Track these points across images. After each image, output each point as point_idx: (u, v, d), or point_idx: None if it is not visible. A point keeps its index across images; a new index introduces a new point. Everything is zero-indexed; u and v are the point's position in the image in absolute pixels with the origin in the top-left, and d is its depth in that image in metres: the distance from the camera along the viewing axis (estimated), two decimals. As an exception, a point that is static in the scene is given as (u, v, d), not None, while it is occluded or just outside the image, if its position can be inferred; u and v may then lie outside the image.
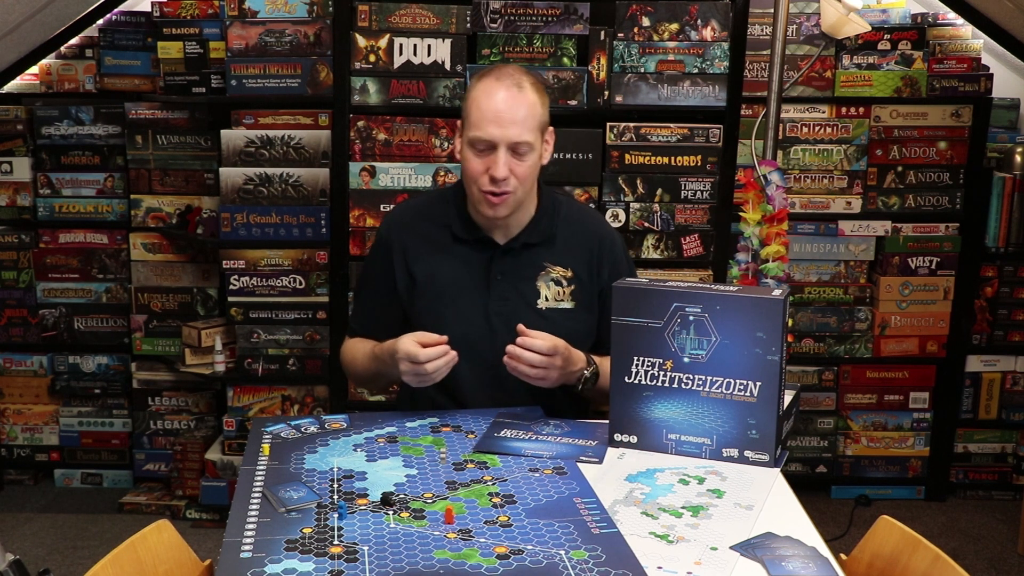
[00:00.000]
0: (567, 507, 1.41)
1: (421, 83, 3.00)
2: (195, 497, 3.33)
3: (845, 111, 3.29)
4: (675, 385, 1.63)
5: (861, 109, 3.29)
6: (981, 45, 3.30)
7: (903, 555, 1.39)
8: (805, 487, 3.34)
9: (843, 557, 1.47)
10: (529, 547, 1.28)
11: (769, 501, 1.46)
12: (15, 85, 3.44)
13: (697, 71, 2.99)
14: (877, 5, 3.31)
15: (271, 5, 3.00)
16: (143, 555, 1.39)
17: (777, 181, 2.64)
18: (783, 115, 3.16)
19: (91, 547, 3.09)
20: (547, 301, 1.93)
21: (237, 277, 3.11)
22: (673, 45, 2.99)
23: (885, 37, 3.25)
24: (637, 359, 1.65)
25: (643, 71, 3.00)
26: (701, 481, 1.53)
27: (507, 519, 1.37)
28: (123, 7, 3.37)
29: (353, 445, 1.68)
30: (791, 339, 3.23)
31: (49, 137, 3.41)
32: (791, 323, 3.10)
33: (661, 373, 1.64)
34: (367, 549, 1.28)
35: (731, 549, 1.30)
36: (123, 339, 3.50)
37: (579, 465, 1.59)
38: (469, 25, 2.98)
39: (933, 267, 3.36)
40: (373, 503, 1.43)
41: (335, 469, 1.57)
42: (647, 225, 3.06)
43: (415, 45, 2.99)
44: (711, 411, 1.61)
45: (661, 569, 1.24)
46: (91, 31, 3.38)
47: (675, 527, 1.36)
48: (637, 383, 1.65)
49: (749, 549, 1.30)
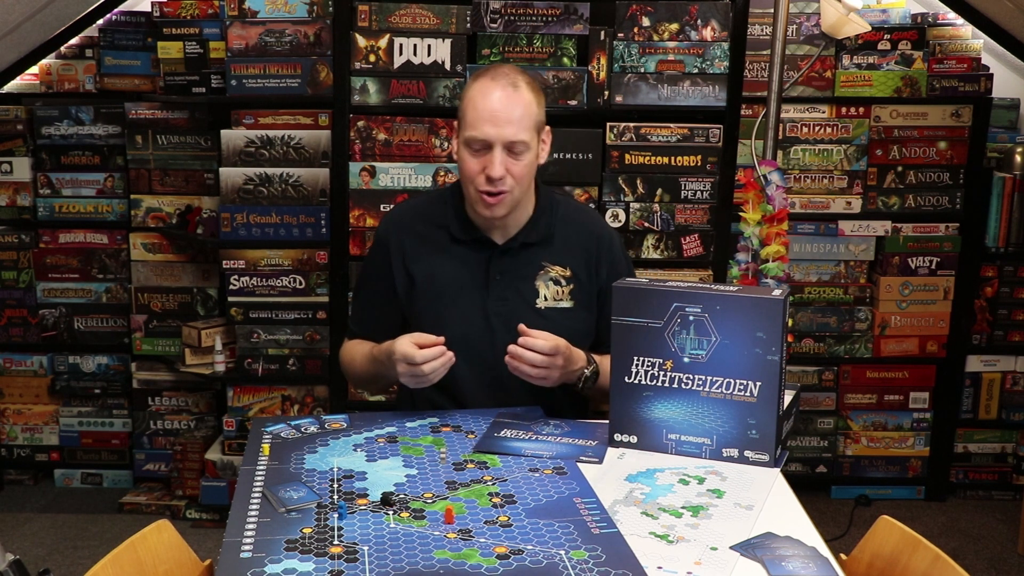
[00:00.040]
0: (567, 507, 1.41)
1: (421, 83, 3.00)
2: (195, 497, 3.33)
3: (845, 111, 3.29)
4: (675, 385, 1.63)
5: (861, 109, 3.29)
6: (981, 45, 3.30)
7: (903, 555, 1.39)
8: (805, 487, 3.34)
9: (843, 557, 1.47)
10: (529, 547, 1.28)
11: (769, 501, 1.46)
12: (15, 85, 3.44)
13: (697, 71, 2.99)
14: (877, 5, 3.31)
15: (271, 5, 3.00)
16: (143, 555, 1.39)
17: (777, 181, 2.64)
18: (783, 115, 3.16)
19: (91, 547, 3.09)
20: (546, 300, 1.92)
21: (237, 277, 3.11)
22: (673, 45, 2.99)
23: (885, 37, 3.25)
24: (637, 359, 1.65)
25: (643, 71, 3.00)
26: (701, 481, 1.53)
27: (507, 519, 1.37)
28: (123, 7, 3.37)
29: (353, 445, 1.68)
30: (791, 339, 3.23)
31: (49, 137, 3.41)
32: (791, 323, 3.10)
33: (661, 373, 1.64)
34: (367, 549, 1.28)
35: (731, 549, 1.30)
36: (123, 339, 3.50)
37: (579, 465, 1.59)
38: (469, 25, 2.98)
39: (933, 267, 3.36)
40: (373, 503, 1.43)
41: (335, 469, 1.57)
42: (647, 225, 3.06)
43: (415, 45, 2.99)
44: (711, 411, 1.61)
45: (661, 569, 1.24)
46: (91, 31, 3.39)
47: (675, 527, 1.36)
48: (637, 383, 1.65)
49: (749, 549, 1.30)
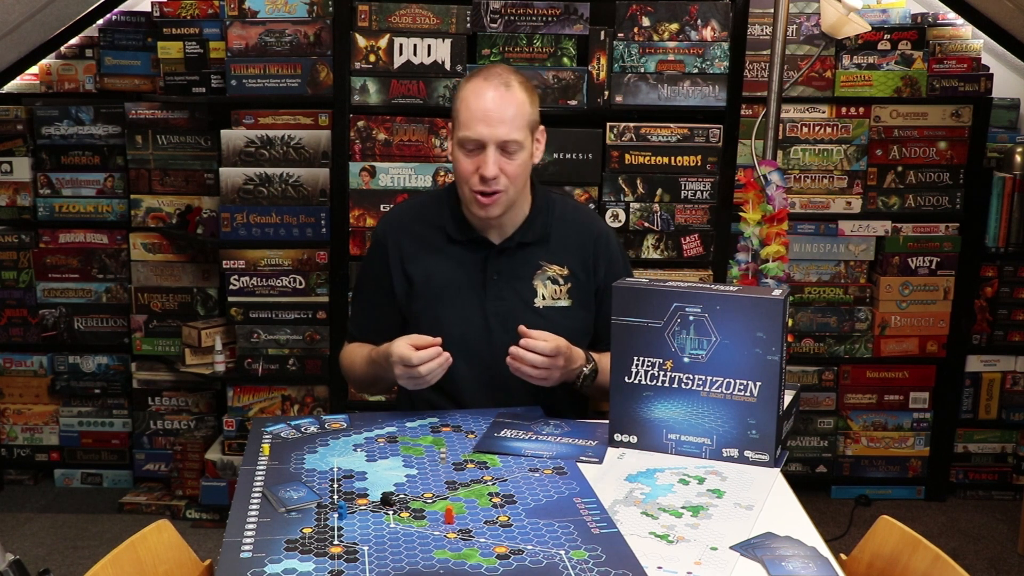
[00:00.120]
0: (567, 507, 1.41)
1: (421, 83, 3.00)
2: (195, 497, 3.33)
3: (845, 111, 3.29)
4: (675, 385, 1.63)
5: (861, 109, 3.29)
6: (981, 45, 3.30)
7: (903, 555, 1.39)
8: (805, 487, 3.34)
9: (843, 557, 1.47)
10: (529, 547, 1.28)
11: (769, 501, 1.46)
12: (15, 85, 3.44)
13: (697, 71, 2.99)
14: (877, 5, 3.31)
15: (271, 5, 3.00)
16: (143, 555, 1.39)
17: (777, 181, 2.64)
18: (783, 115, 3.16)
19: (91, 547, 3.09)
20: (544, 300, 1.92)
21: (237, 277, 3.11)
22: (673, 45, 2.99)
23: (885, 37, 3.25)
24: (637, 359, 1.65)
25: (643, 71, 3.00)
26: (701, 481, 1.53)
27: (507, 519, 1.37)
28: (123, 7, 3.37)
29: (353, 445, 1.68)
30: (791, 339, 3.23)
31: (49, 137, 3.41)
32: (791, 323, 3.10)
33: (661, 373, 1.64)
34: (367, 549, 1.28)
35: (731, 549, 1.30)
36: (123, 339, 3.50)
37: (579, 465, 1.59)
38: (469, 25, 2.98)
39: (933, 267, 3.36)
40: (373, 503, 1.43)
41: (335, 469, 1.57)
42: (647, 225, 3.06)
43: (415, 45, 2.99)
44: (711, 411, 1.61)
45: (661, 569, 1.24)
46: (91, 31, 3.38)
47: (675, 527, 1.36)
48: (637, 383, 1.65)
49: (749, 549, 1.30)
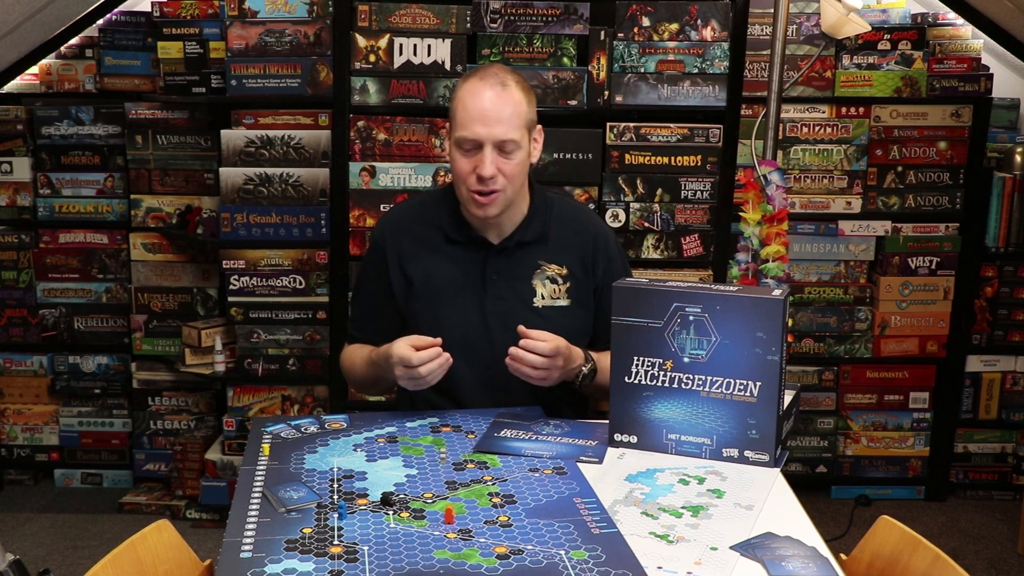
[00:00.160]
0: (567, 507, 1.41)
1: (421, 83, 3.00)
2: (195, 497, 3.33)
3: (845, 111, 3.29)
4: (675, 385, 1.63)
5: (861, 109, 3.29)
6: (981, 45, 3.30)
7: (903, 555, 1.39)
8: (805, 487, 3.34)
9: (843, 557, 1.47)
10: (529, 547, 1.28)
11: (769, 501, 1.46)
12: (15, 85, 3.44)
13: (697, 71, 2.99)
14: (877, 5, 3.31)
15: (271, 5, 3.00)
16: (143, 555, 1.39)
17: (777, 181, 2.64)
18: (783, 115, 3.16)
19: (91, 547, 3.09)
20: (543, 299, 1.93)
21: (237, 277, 3.11)
22: (673, 45, 2.99)
23: (885, 37, 3.25)
24: (637, 359, 1.65)
25: (643, 71, 3.00)
26: (701, 481, 1.53)
27: (507, 519, 1.37)
28: (123, 7, 3.37)
29: (353, 445, 1.68)
30: (791, 339, 3.23)
31: (49, 137, 3.41)
32: (791, 323, 3.10)
33: (661, 373, 1.64)
34: (367, 549, 1.28)
35: (731, 549, 1.30)
36: (123, 339, 3.50)
37: (579, 465, 1.59)
38: (469, 25, 2.98)
39: (933, 267, 3.36)
40: (373, 503, 1.43)
41: (335, 469, 1.57)
42: (647, 225, 3.06)
43: (415, 45, 2.99)
44: (711, 411, 1.61)
45: (661, 569, 1.24)
46: (91, 31, 3.38)
47: (675, 527, 1.36)
48: (637, 383, 1.65)
49: (749, 549, 1.30)
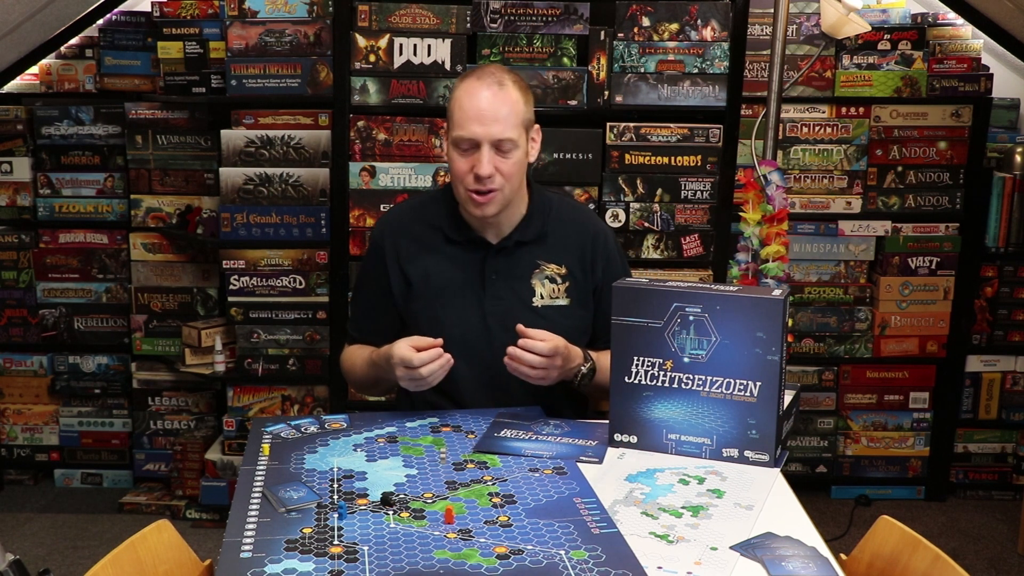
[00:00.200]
0: (567, 507, 1.41)
1: (421, 83, 3.00)
2: (195, 497, 3.33)
3: (845, 111, 3.29)
4: (675, 385, 1.63)
5: (861, 109, 3.29)
6: (981, 45, 3.30)
7: (903, 555, 1.39)
8: (805, 487, 3.34)
9: (843, 557, 1.47)
10: (529, 547, 1.28)
11: (769, 501, 1.46)
12: (15, 85, 3.44)
13: (697, 71, 2.99)
14: (877, 5, 3.31)
15: (271, 5, 3.00)
16: (143, 555, 1.39)
17: (777, 181, 2.64)
18: (783, 115, 3.16)
19: (91, 547, 3.09)
20: (542, 299, 1.93)
21: (237, 277, 3.11)
22: (673, 45, 2.99)
23: (885, 37, 3.25)
24: (637, 359, 1.65)
25: (643, 71, 3.00)
26: (701, 481, 1.53)
27: (507, 519, 1.37)
28: (123, 7, 3.37)
29: (353, 445, 1.68)
30: (791, 339, 3.23)
31: (49, 137, 3.41)
32: (791, 323, 3.10)
33: (661, 373, 1.64)
34: (367, 549, 1.28)
35: (731, 549, 1.30)
36: (123, 339, 3.50)
37: (579, 465, 1.59)
38: (469, 25, 2.98)
39: (933, 267, 3.36)
40: (373, 503, 1.43)
41: (335, 469, 1.57)
42: (647, 225, 3.06)
43: (415, 45, 2.99)
44: (711, 411, 1.61)
45: (661, 569, 1.24)
46: (91, 31, 3.38)
47: (675, 527, 1.36)
48: (637, 383, 1.65)
49: (749, 549, 1.30)
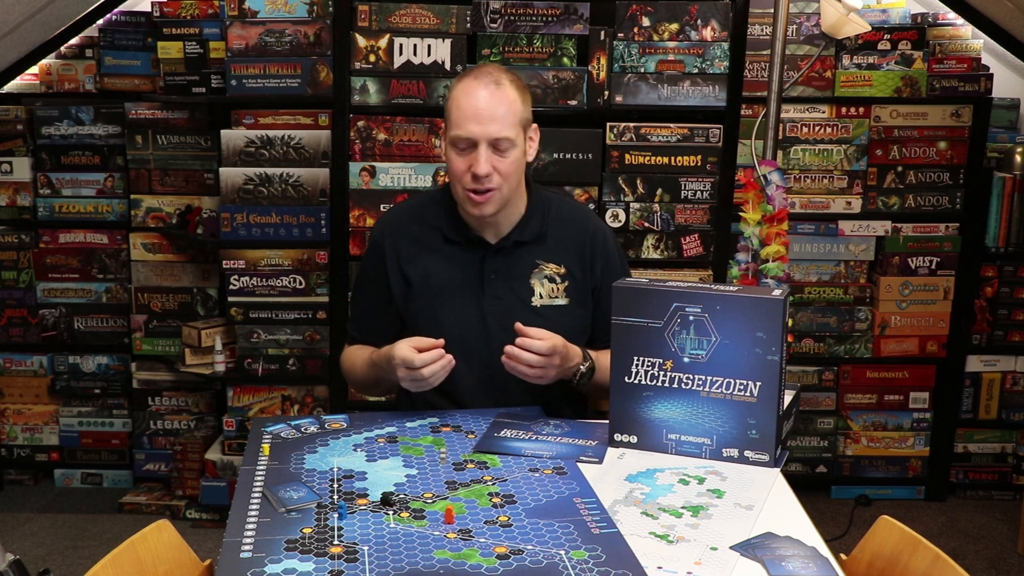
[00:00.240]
0: (567, 507, 1.41)
1: (421, 83, 3.00)
2: (195, 497, 3.33)
3: (845, 111, 3.29)
4: (675, 385, 1.63)
5: (861, 109, 3.29)
6: (981, 45, 3.30)
7: (903, 555, 1.39)
8: (805, 487, 3.34)
9: (843, 557, 1.47)
10: (529, 547, 1.28)
11: (769, 501, 1.46)
12: (15, 85, 3.44)
13: (697, 71, 2.99)
14: (877, 5, 3.31)
15: (271, 5, 3.00)
16: (143, 555, 1.39)
17: (777, 181, 2.64)
18: (783, 115, 3.16)
19: (91, 547, 3.09)
20: (541, 298, 1.93)
21: (237, 277, 3.11)
22: (673, 45, 2.99)
23: (885, 37, 3.25)
24: (637, 359, 1.65)
25: (643, 71, 3.00)
26: (701, 481, 1.53)
27: (507, 519, 1.37)
28: (123, 7, 3.37)
29: (353, 445, 1.68)
30: (791, 339, 3.23)
31: (49, 137, 3.41)
32: (791, 323, 3.10)
33: (661, 373, 1.64)
34: (367, 549, 1.28)
35: (731, 549, 1.30)
36: (123, 339, 3.50)
37: (579, 465, 1.59)
38: (469, 25, 2.98)
39: (933, 267, 3.36)
40: (373, 503, 1.43)
41: (335, 469, 1.57)
42: (647, 225, 3.06)
43: (415, 45, 2.99)
44: (711, 411, 1.61)
45: (661, 569, 1.24)
46: (91, 31, 3.38)
47: (675, 527, 1.36)
48: (637, 383, 1.65)
49: (749, 549, 1.30)
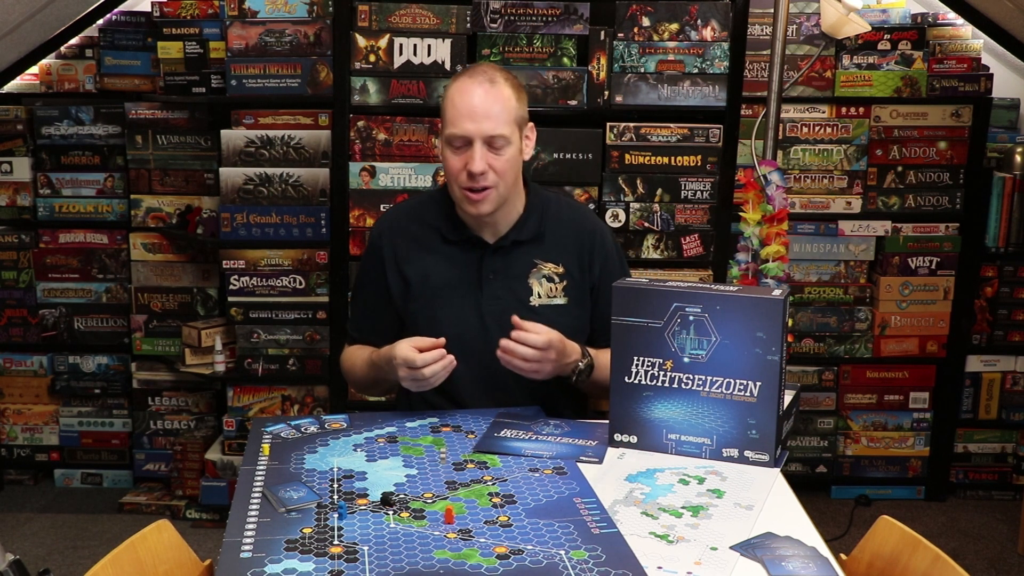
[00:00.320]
0: (567, 507, 1.41)
1: (421, 83, 3.00)
2: (195, 497, 3.33)
3: (845, 111, 3.29)
4: (675, 385, 1.63)
5: (861, 109, 3.29)
6: (981, 45, 3.30)
7: (903, 555, 1.39)
8: (805, 487, 3.34)
9: (843, 557, 1.47)
10: (529, 547, 1.28)
11: (769, 501, 1.46)
12: (15, 85, 3.44)
13: (697, 71, 2.99)
14: (877, 5, 3.31)
15: (271, 5, 3.00)
16: (143, 555, 1.39)
17: (777, 181, 2.64)
18: (783, 115, 3.16)
19: (91, 547, 3.09)
20: (540, 298, 1.93)
21: (237, 277, 3.11)
22: (673, 45, 2.99)
23: (885, 37, 3.25)
24: (637, 359, 1.65)
25: (643, 71, 3.00)
26: (701, 481, 1.53)
27: (507, 519, 1.37)
28: (123, 7, 3.37)
29: (353, 445, 1.68)
30: (791, 339, 3.23)
31: (49, 137, 3.41)
32: (791, 323, 3.10)
33: (661, 373, 1.63)
34: (367, 549, 1.28)
35: (731, 549, 1.30)
36: (123, 339, 3.50)
37: (579, 465, 1.59)
38: (469, 25, 2.98)
39: (933, 267, 3.36)
40: (373, 503, 1.43)
41: (335, 469, 1.57)
42: (647, 225, 3.06)
43: (415, 45, 2.99)
44: (711, 411, 1.61)
45: (661, 569, 1.24)
46: (91, 31, 3.38)
47: (675, 527, 1.36)
48: (637, 383, 1.65)
49: (749, 549, 1.30)
